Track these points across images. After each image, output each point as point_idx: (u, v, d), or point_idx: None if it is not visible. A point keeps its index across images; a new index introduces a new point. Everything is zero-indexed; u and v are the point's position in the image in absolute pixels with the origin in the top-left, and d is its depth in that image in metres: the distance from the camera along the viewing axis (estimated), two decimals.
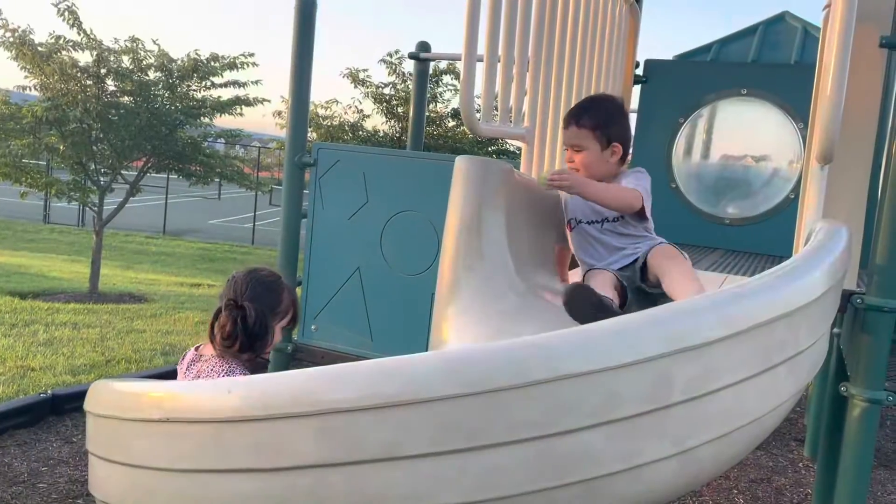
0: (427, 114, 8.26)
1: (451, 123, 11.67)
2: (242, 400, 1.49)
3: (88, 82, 8.49)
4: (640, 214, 2.49)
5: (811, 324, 1.71)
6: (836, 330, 3.83)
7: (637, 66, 4.82)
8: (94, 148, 8.84)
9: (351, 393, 1.43)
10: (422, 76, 6.15)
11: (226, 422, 1.48)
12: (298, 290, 4.46)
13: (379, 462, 1.41)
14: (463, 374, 1.42)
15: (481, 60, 2.55)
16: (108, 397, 1.73)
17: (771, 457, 5.68)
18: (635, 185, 2.46)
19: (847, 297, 2.45)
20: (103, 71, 8.58)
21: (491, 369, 1.42)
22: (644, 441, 1.47)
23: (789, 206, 4.60)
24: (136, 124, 8.60)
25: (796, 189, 4.58)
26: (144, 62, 8.93)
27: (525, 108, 3.03)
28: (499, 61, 2.65)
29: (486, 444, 1.41)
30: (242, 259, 14.87)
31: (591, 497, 1.48)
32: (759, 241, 4.64)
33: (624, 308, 2.32)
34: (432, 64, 7.85)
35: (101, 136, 8.77)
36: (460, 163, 2.24)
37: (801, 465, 5.54)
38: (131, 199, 9.22)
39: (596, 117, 2.52)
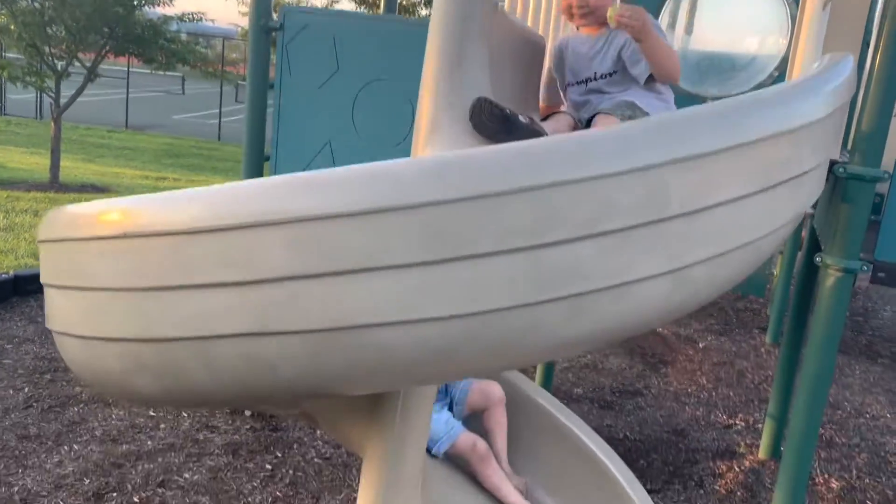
0: (400, 0, 7.90)
1: (425, 12, 11.24)
2: (206, 210, 1.37)
3: None
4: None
5: (814, 145, 1.61)
6: (809, 210, 3.80)
7: None
8: (48, 30, 8.40)
9: (325, 200, 1.31)
10: None
11: (188, 233, 1.36)
12: (266, 165, 4.29)
13: (358, 273, 1.31)
14: (450, 178, 1.30)
15: None
16: (61, 220, 1.59)
17: (734, 342, 5.79)
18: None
19: (829, 166, 2.38)
20: None
21: (480, 173, 1.31)
22: (637, 255, 1.38)
23: (772, 84, 4.49)
24: (91, 3, 8.15)
25: (781, 67, 4.45)
26: None
27: None
28: None
29: (473, 254, 1.31)
30: (209, 155, 14.49)
31: (576, 315, 1.39)
32: None
33: None
34: None
35: (55, 15, 8.31)
36: None
37: (763, 350, 5.66)
38: (91, 90, 8.83)
39: None
